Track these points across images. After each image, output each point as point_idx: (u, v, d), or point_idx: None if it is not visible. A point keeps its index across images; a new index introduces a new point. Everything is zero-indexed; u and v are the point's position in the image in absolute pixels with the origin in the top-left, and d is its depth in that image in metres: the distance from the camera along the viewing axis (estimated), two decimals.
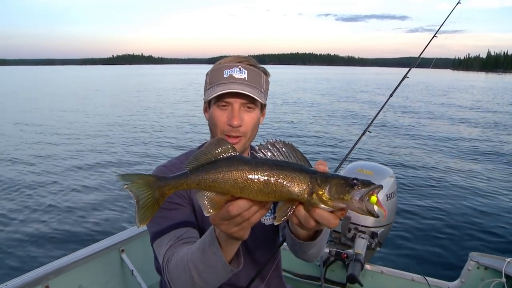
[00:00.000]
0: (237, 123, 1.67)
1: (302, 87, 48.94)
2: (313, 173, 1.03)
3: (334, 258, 3.22)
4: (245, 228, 1.12)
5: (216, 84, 1.70)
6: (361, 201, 0.98)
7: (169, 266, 1.45)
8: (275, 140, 1.07)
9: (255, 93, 1.68)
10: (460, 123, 19.88)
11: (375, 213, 1.00)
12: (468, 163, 11.25)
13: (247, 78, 1.70)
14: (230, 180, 1.01)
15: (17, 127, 16.89)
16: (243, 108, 1.71)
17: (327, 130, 16.88)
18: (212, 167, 1.02)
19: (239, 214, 1.05)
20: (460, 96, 37.95)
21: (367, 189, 0.99)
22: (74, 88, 48.20)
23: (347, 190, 0.99)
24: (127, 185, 1.03)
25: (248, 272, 1.85)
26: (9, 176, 9.80)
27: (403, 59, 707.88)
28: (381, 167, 3.48)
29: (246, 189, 1.01)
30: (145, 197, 1.04)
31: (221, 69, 1.72)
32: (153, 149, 12.98)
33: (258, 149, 1.06)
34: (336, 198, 1.00)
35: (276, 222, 1.05)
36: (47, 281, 2.45)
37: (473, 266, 2.99)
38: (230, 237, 1.17)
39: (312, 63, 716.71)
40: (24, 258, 5.62)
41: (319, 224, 1.07)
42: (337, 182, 1.00)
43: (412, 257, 5.39)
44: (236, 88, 1.65)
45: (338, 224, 1.06)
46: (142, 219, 1.05)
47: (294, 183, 1.01)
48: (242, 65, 1.72)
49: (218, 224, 1.11)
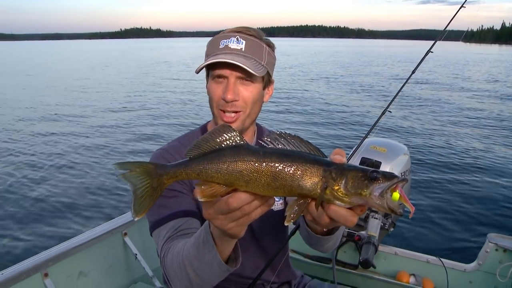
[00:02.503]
0: (231, 97, 1.53)
1: (313, 61, 48.24)
2: (328, 164, 0.91)
3: (346, 239, 3.13)
4: (242, 225, 0.99)
5: (211, 55, 1.57)
6: (381, 197, 0.86)
7: (166, 261, 1.37)
8: (283, 132, 0.95)
9: (249, 65, 1.51)
10: (483, 97, 19.19)
11: (398, 211, 0.87)
12: (489, 140, 10.91)
13: (244, 49, 1.55)
14: (234, 171, 0.90)
15: (16, 110, 16.31)
16: (239, 81, 1.56)
17: (342, 107, 16.37)
18: (216, 156, 0.92)
19: (239, 207, 0.93)
20: (480, 69, 36.97)
21: (389, 183, 0.87)
22: (84, 64, 47.81)
23: (365, 184, 0.87)
24: (124, 174, 0.96)
25: (256, 260, 1.76)
26: (6, 155, 9.64)
27: (414, 31, 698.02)
28: (395, 144, 3.36)
29: (252, 182, 0.90)
30: (143, 187, 0.96)
31: (218, 39, 1.59)
32: (156, 128, 12.66)
33: (264, 140, 0.94)
34: (353, 194, 0.88)
35: (286, 223, 0.92)
36: (46, 268, 2.37)
37: (492, 248, 2.90)
38: (225, 233, 1.04)
39: (322, 35, 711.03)
40: (21, 245, 5.41)
41: (335, 222, 0.95)
42: (354, 175, 0.88)
43: (427, 238, 5.24)
44: (227, 58, 1.50)
45: (356, 221, 0.92)
46: (139, 210, 0.97)
47: (306, 177, 0.90)
48: (240, 35, 1.57)
49: (213, 218, 0.98)
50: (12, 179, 7.94)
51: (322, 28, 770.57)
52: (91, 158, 9.32)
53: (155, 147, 7.58)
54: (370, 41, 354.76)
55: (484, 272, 2.91)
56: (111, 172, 8.11)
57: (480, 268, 2.92)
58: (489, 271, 2.89)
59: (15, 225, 6.02)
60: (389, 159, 3.06)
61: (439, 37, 2.89)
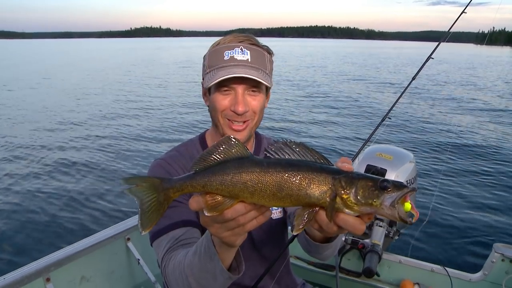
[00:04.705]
0: (242, 110, 1.54)
1: (319, 64, 48.01)
2: (336, 173, 0.90)
3: (350, 246, 3.11)
4: (237, 234, 0.99)
5: (216, 68, 1.56)
6: (392, 208, 0.86)
7: (167, 271, 1.36)
8: (288, 140, 0.95)
9: (260, 76, 1.53)
10: (489, 104, 18.66)
11: (409, 220, 0.88)
12: (495, 149, 10.73)
13: (250, 60, 1.55)
14: (239, 183, 0.90)
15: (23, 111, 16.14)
16: (247, 92, 1.57)
17: (344, 114, 16.03)
18: (220, 169, 0.92)
19: (233, 218, 0.93)
20: (487, 73, 36.50)
21: (400, 193, 0.86)
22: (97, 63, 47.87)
23: (376, 195, 0.87)
24: (130, 189, 0.96)
25: (256, 269, 1.74)
26: (8, 157, 9.63)
27: (424, 32, 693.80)
28: (401, 151, 3.32)
29: (257, 193, 0.90)
30: (150, 201, 0.97)
31: (221, 50, 1.57)
32: (164, 131, 12.52)
33: (268, 150, 0.94)
34: (363, 203, 0.88)
35: (294, 232, 0.93)
36: (48, 273, 2.36)
37: (498, 258, 2.85)
38: (221, 241, 1.05)
39: (332, 36, 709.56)
40: (23, 249, 5.41)
41: (342, 229, 0.94)
42: (364, 184, 0.88)
43: (432, 247, 5.18)
44: (240, 71, 1.50)
45: (364, 229, 0.92)
46: (146, 224, 0.97)
47: (314, 185, 0.89)
48: (243, 44, 1.57)
49: (208, 225, 0.99)
50: (15, 183, 7.94)
51: (332, 28, 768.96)
52: (96, 163, 9.25)
53: (163, 150, 7.54)
54: (380, 42, 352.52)
55: (490, 283, 2.87)
56: (115, 177, 8.09)
57: (486, 279, 2.88)
58: (495, 281, 2.84)
59: (17, 230, 6.02)
60: (395, 166, 3.02)
61: (438, 44, 2.88)
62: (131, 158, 9.68)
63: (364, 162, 3.04)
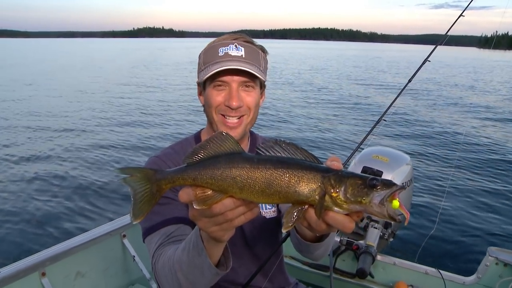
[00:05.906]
0: (236, 104, 1.56)
1: (321, 66, 47.95)
2: (325, 171, 0.91)
3: (345, 247, 3.12)
4: (225, 230, 1.00)
5: (211, 63, 1.58)
6: (381, 205, 0.87)
7: (157, 266, 1.38)
8: (278, 139, 0.96)
9: (254, 70, 1.55)
10: (487, 109, 18.37)
11: (397, 218, 0.88)
12: (491, 152, 10.72)
13: (244, 56, 1.57)
14: (228, 178, 0.91)
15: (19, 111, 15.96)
16: (241, 88, 1.59)
17: (341, 116, 15.93)
18: (211, 163, 0.93)
19: (222, 213, 0.94)
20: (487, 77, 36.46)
21: (389, 191, 0.87)
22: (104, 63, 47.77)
23: (365, 192, 0.87)
24: (125, 178, 0.98)
25: (249, 267, 1.76)
26: (5, 153, 9.62)
27: (426, 36, 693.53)
28: (398, 154, 3.33)
29: (246, 189, 0.91)
30: (142, 191, 0.98)
31: (216, 47, 1.59)
32: (154, 133, 12.36)
33: (259, 147, 0.95)
34: (352, 201, 0.88)
35: (284, 230, 0.94)
36: (43, 267, 2.38)
37: (492, 262, 2.86)
38: (209, 236, 1.06)
39: (334, 38, 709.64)
40: (19, 244, 5.40)
41: (331, 228, 0.96)
42: (353, 182, 0.89)
43: (426, 249, 5.17)
44: (233, 65, 1.52)
45: (354, 227, 0.93)
46: (137, 214, 0.99)
47: (303, 183, 0.90)
48: (238, 42, 1.59)
49: (197, 219, 1.00)
50: (11, 178, 7.95)
51: (335, 31, 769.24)
52: (92, 160, 9.26)
53: (160, 148, 7.53)
54: (383, 44, 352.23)
55: (484, 286, 2.87)
56: (112, 174, 8.07)
57: (480, 282, 2.88)
58: (488, 285, 2.85)
59: (13, 224, 6.01)
60: (391, 168, 3.03)
61: (435, 47, 2.89)
62: (130, 156, 9.69)
63: (360, 164, 3.05)
